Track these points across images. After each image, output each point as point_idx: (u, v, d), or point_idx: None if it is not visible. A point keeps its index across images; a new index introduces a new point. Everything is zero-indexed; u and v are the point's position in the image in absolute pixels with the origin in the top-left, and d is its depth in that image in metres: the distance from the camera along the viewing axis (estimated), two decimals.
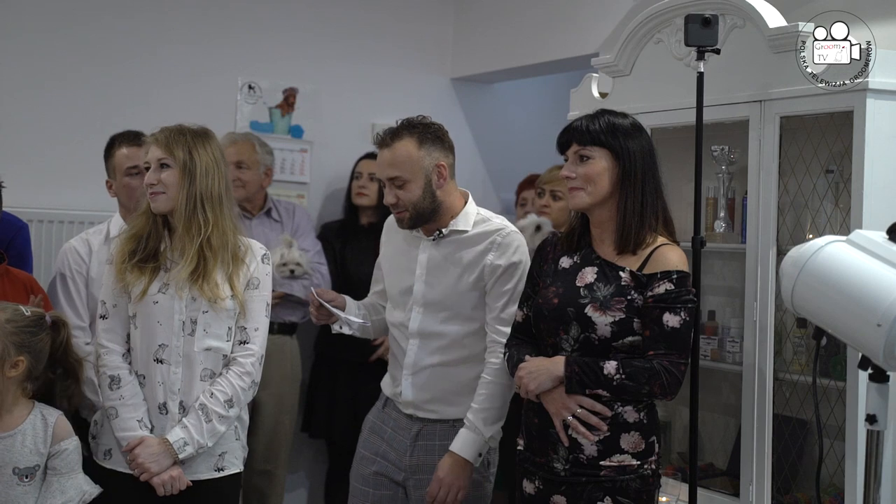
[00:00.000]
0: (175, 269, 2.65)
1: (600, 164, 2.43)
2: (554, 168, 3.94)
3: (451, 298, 2.78)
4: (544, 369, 2.41)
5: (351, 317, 2.88)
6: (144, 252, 2.68)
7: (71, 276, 3.27)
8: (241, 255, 2.71)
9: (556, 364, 2.40)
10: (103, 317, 2.74)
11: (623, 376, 2.34)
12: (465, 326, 2.79)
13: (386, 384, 2.96)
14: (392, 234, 2.96)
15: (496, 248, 2.76)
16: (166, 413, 2.68)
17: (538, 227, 3.86)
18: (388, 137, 2.76)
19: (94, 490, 2.67)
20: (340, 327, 2.92)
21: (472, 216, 2.83)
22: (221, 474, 2.71)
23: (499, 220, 2.84)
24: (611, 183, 2.43)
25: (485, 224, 2.81)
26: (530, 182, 4.57)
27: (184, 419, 2.66)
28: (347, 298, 2.98)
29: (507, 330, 2.71)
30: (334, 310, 2.87)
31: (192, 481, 2.66)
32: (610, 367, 2.35)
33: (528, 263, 2.77)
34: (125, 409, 2.66)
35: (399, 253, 2.91)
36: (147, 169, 2.74)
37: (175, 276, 2.64)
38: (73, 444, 2.68)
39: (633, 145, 2.44)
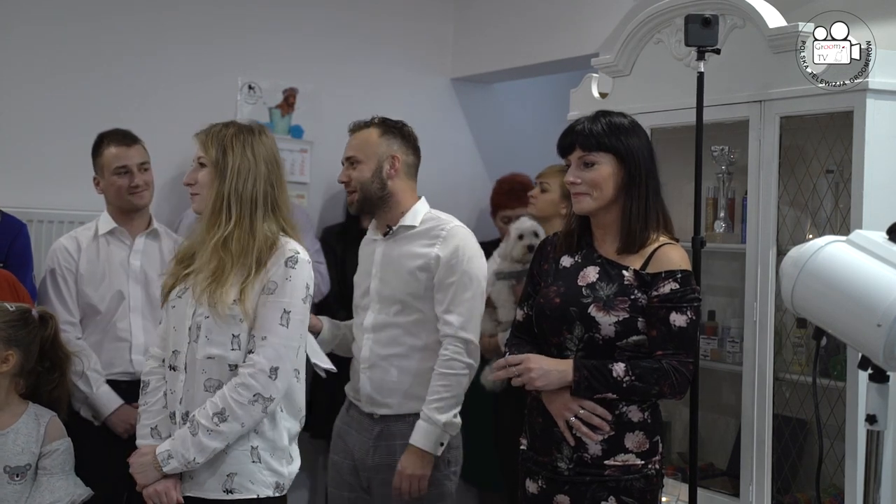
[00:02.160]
0: (193, 273, 2.49)
1: (606, 169, 2.41)
2: (553, 165, 3.94)
3: (401, 291, 2.88)
4: (555, 371, 2.38)
5: (316, 358, 2.90)
6: (187, 257, 2.55)
7: (61, 273, 3.31)
8: (265, 260, 2.44)
9: (566, 369, 2.37)
10: (161, 322, 2.64)
11: (633, 378, 2.33)
12: (416, 317, 2.88)
13: (348, 387, 3.04)
14: (362, 246, 3.09)
15: (441, 241, 2.87)
16: (175, 422, 2.53)
17: (521, 237, 3.89)
18: (358, 126, 2.99)
19: (84, 492, 2.68)
20: None
21: (422, 214, 2.95)
22: (231, 497, 2.44)
23: (446, 217, 2.97)
24: (616, 187, 2.42)
25: (433, 220, 2.93)
26: (512, 195, 4.53)
27: (176, 431, 2.48)
28: (325, 320, 3.06)
29: (450, 318, 2.81)
30: (314, 349, 2.91)
31: (201, 498, 2.47)
32: (619, 369, 2.34)
33: (474, 258, 2.87)
34: (144, 416, 2.56)
35: (362, 260, 3.04)
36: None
37: (193, 279, 2.48)
38: (64, 444, 2.69)
39: (637, 148, 2.43)
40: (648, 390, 2.35)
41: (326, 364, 2.92)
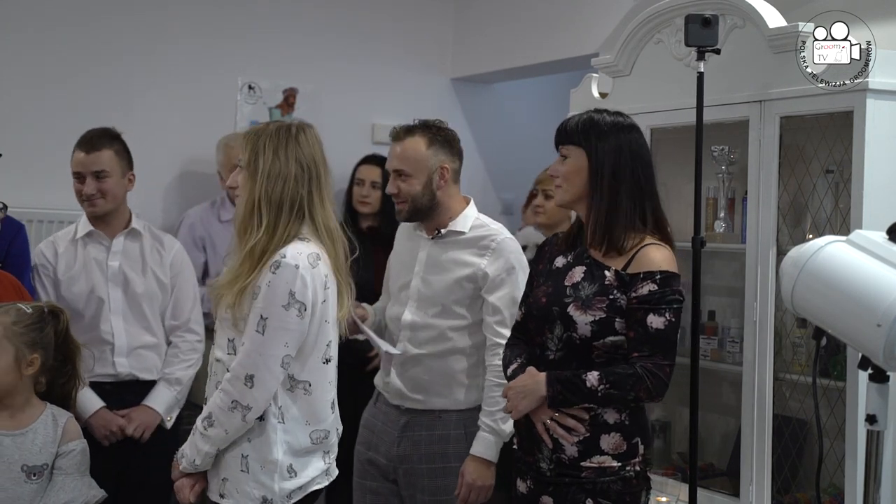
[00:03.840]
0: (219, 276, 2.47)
1: (575, 163, 2.42)
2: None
3: (442, 295, 2.90)
4: (530, 391, 2.38)
5: (382, 343, 2.92)
6: None
7: (38, 278, 3.31)
8: (265, 264, 2.36)
9: (539, 384, 2.37)
10: None
11: (607, 385, 2.30)
12: (453, 321, 2.90)
13: (378, 378, 3.07)
14: (402, 234, 3.11)
15: (490, 254, 2.88)
16: None
17: (524, 247, 3.91)
18: (402, 133, 2.94)
19: (98, 494, 2.70)
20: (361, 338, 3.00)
21: (471, 220, 2.95)
22: (222, 501, 2.40)
23: (496, 226, 2.96)
24: (585, 181, 2.42)
25: (482, 228, 2.94)
26: None
27: None
28: (366, 307, 3.07)
29: (506, 332, 2.76)
30: (374, 339, 2.92)
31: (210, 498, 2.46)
32: (592, 378, 2.31)
33: (523, 269, 2.87)
34: None
35: (404, 251, 3.05)
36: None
37: (217, 282, 2.44)
38: (80, 445, 2.71)
39: (607, 145, 2.40)
40: (624, 396, 2.32)
41: (390, 349, 2.90)
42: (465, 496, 2.80)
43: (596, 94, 3.44)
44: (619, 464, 2.37)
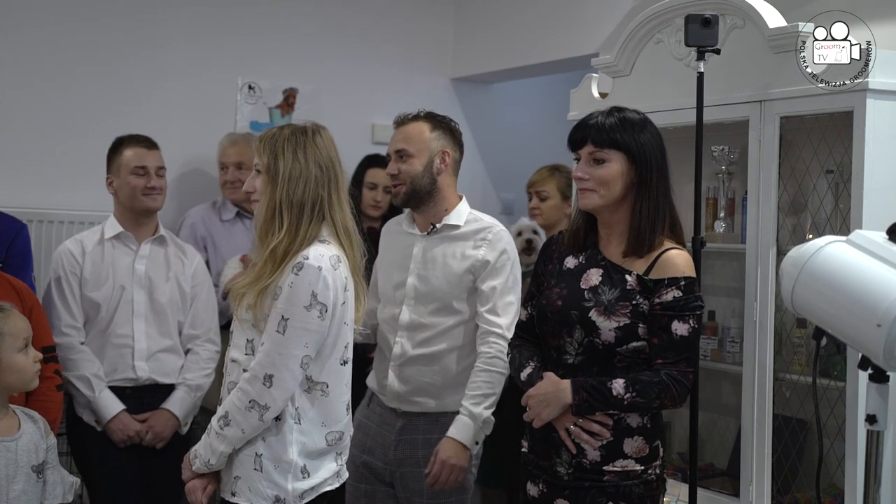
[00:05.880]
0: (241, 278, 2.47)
1: (616, 167, 2.36)
2: (541, 169, 3.97)
3: (440, 291, 2.89)
4: (553, 398, 2.35)
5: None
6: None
7: (65, 276, 3.31)
8: (287, 265, 2.37)
9: (563, 392, 2.34)
10: None
11: (634, 394, 2.29)
12: (452, 318, 2.90)
13: (371, 379, 3.05)
14: (389, 235, 3.10)
15: (486, 245, 2.89)
16: None
17: (519, 233, 3.94)
18: (407, 118, 2.96)
19: (76, 480, 2.80)
20: None
21: (465, 214, 2.96)
22: (233, 500, 2.39)
23: (489, 219, 2.98)
24: (624, 186, 2.37)
25: (476, 222, 2.95)
26: None
27: None
28: None
29: (497, 320, 2.81)
30: None
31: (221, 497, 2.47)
32: (618, 386, 2.30)
33: (516, 261, 2.91)
34: None
35: (395, 251, 3.03)
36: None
37: (239, 284, 2.44)
38: (54, 439, 2.78)
39: (650, 146, 2.37)
40: (650, 404, 2.31)
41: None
42: (438, 472, 2.76)
43: (596, 94, 3.45)
44: (642, 467, 2.36)
